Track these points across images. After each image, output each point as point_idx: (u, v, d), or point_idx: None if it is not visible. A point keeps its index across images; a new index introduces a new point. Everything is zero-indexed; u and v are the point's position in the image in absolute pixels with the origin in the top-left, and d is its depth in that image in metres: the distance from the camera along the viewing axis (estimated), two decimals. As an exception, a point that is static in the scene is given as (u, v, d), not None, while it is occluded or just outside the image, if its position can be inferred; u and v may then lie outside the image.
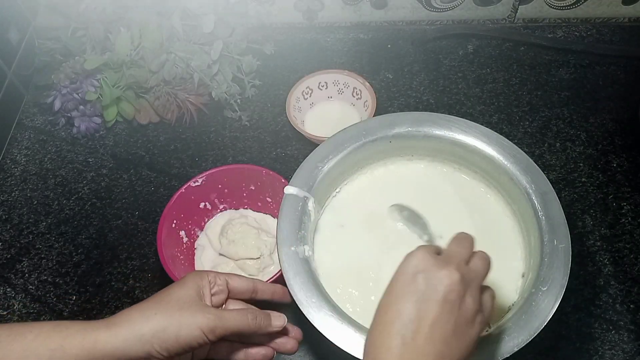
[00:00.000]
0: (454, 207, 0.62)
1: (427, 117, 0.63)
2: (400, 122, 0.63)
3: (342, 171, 0.63)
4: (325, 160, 0.61)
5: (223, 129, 0.82)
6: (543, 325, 0.49)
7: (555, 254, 0.53)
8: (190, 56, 0.76)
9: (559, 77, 0.84)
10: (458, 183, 0.64)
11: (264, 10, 0.89)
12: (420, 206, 0.62)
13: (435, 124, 0.62)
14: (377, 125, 0.63)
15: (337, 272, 0.59)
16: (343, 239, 0.61)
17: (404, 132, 0.62)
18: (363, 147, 0.62)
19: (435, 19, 0.90)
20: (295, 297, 0.52)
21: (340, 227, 0.62)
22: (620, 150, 0.76)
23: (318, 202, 0.60)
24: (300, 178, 0.60)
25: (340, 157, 0.61)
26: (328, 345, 0.50)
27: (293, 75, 0.84)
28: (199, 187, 0.67)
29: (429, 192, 0.64)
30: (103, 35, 0.78)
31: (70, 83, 0.77)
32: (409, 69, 0.86)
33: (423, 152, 0.65)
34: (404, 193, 0.63)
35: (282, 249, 0.55)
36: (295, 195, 0.58)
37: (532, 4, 0.87)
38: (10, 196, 0.77)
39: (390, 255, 0.59)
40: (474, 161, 0.62)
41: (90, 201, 0.76)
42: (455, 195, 0.63)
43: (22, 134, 0.84)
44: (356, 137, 0.62)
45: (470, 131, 0.62)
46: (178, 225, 0.67)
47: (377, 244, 0.61)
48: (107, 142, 0.82)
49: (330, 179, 0.62)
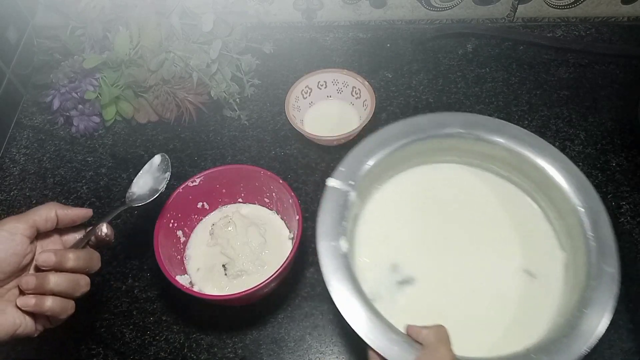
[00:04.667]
0: (495, 215, 0.61)
1: (480, 119, 0.61)
2: (451, 123, 0.61)
3: (387, 167, 0.61)
4: (371, 155, 0.59)
5: (222, 128, 0.82)
6: (584, 348, 0.48)
7: (603, 278, 0.51)
8: (189, 55, 0.76)
9: (558, 76, 0.84)
10: (503, 191, 0.62)
11: (263, 9, 0.89)
12: (461, 210, 0.61)
13: (487, 128, 0.60)
14: (427, 124, 0.61)
15: (374, 268, 0.58)
16: (383, 236, 0.60)
17: (455, 133, 0.61)
18: (411, 144, 0.61)
19: (434, 18, 0.90)
20: (333, 295, 0.51)
21: (381, 223, 0.61)
22: (620, 150, 0.76)
23: (360, 196, 0.58)
24: (343, 171, 0.58)
25: (387, 153, 0.60)
26: (359, 341, 0.50)
27: (292, 75, 0.84)
28: (196, 186, 0.67)
29: (472, 196, 0.62)
30: (102, 34, 0.78)
31: (69, 82, 0.77)
32: (408, 68, 0.86)
33: (471, 156, 0.63)
34: (446, 195, 0.62)
35: (321, 243, 0.54)
36: (338, 188, 0.57)
37: (532, 3, 0.87)
38: (9, 195, 0.77)
39: (428, 256, 0.59)
40: (524, 170, 0.60)
41: (89, 200, 0.76)
42: (498, 203, 0.62)
43: (21, 133, 0.84)
44: (405, 134, 0.61)
45: (524, 139, 0.59)
46: (175, 225, 0.67)
47: (416, 243, 0.60)
48: (106, 141, 0.82)
49: (375, 174, 0.60)
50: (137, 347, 0.64)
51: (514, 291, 0.57)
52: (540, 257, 0.58)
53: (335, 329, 0.64)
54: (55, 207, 0.53)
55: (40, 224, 0.52)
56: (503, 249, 0.60)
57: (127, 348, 0.64)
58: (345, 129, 0.75)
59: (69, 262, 0.51)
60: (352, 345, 0.63)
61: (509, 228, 0.60)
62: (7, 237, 0.49)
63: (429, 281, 0.58)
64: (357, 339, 0.50)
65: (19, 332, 0.49)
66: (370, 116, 0.74)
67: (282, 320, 0.65)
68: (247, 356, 0.63)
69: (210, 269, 0.67)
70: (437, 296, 0.57)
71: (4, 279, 0.50)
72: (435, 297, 0.57)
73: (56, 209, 0.53)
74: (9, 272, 0.50)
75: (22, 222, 0.51)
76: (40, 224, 0.52)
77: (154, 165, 0.63)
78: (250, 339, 0.64)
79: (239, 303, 0.64)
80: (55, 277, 0.50)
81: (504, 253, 0.60)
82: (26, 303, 0.49)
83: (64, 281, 0.50)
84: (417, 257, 0.60)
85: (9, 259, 0.49)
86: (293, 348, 0.63)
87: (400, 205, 0.63)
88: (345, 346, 0.63)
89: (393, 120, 0.79)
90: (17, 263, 0.50)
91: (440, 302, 0.57)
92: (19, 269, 0.51)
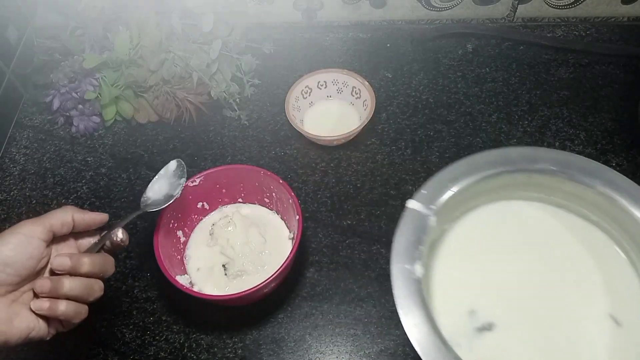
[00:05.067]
0: (579, 259, 0.58)
1: (575, 159, 0.58)
2: (544, 158, 0.58)
3: (470, 196, 0.59)
4: (456, 181, 0.57)
5: (222, 128, 0.82)
6: None
7: None
8: (189, 55, 0.76)
9: (558, 76, 0.84)
10: (588, 235, 0.59)
11: (263, 9, 0.89)
12: (542, 252, 0.58)
13: (583, 170, 0.57)
14: (518, 156, 0.59)
15: (447, 302, 0.55)
16: (459, 267, 0.58)
17: (547, 169, 0.58)
18: (498, 175, 0.58)
19: (434, 18, 0.90)
20: (404, 321, 0.50)
21: (458, 260, 0.59)
22: (620, 150, 0.75)
23: (440, 222, 0.56)
24: (426, 194, 0.56)
25: (473, 181, 0.57)
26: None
27: (292, 75, 0.84)
28: (196, 187, 0.67)
29: (555, 238, 0.59)
30: (102, 34, 0.78)
31: (69, 82, 0.77)
32: (408, 68, 0.86)
33: (559, 195, 0.60)
34: (529, 234, 0.59)
35: (395, 266, 0.52)
36: (418, 211, 0.55)
37: (532, 3, 0.87)
38: (9, 195, 0.77)
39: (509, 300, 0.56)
40: (616, 217, 0.57)
41: (89, 200, 0.76)
42: (582, 248, 0.58)
43: (21, 133, 0.84)
44: (492, 164, 0.58)
45: (621, 185, 0.56)
46: (175, 225, 0.67)
47: (495, 285, 0.57)
48: (106, 141, 0.82)
49: (456, 202, 0.58)
50: (137, 347, 0.64)
51: (599, 339, 0.54)
52: (627, 304, 0.56)
53: (335, 329, 0.64)
54: (72, 210, 0.53)
55: (56, 227, 0.52)
56: (587, 295, 0.57)
57: (127, 348, 0.64)
58: (345, 129, 0.75)
59: (84, 266, 0.51)
60: (352, 345, 0.63)
61: (594, 274, 0.57)
62: (24, 240, 0.49)
63: (510, 327, 0.55)
64: (358, 339, 0.50)
65: (32, 335, 0.49)
66: (370, 116, 0.74)
67: (282, 320, 0.65)
68: (247, 356, 0.63)
69: (210, 269, 0.67)
70: (519, 343, 0.54)
71: (19, 282, 0.50)
72: (517, 344, 0.55)
73: (73, 213, 0.53)
74: (25, 275, 0.50)
75: (39, 225, 0.50)
76: (57, 228, 0.52)
77: (170, 171, 0.63)
78: (250, 339, 0.64)
79: (239, 303, 0.64)
80: (70, 282, 0.50)
81: (588, 299, 0.57)
82: (40, 306, 0.49)
83: (78, 286, 0.50)
84: (497, 301, 0.56)
85: (25, 263, 0.49)
86: (293, 348, 0.63)
87: (479, 241, 0.60)
88: (345, 346, 0.63)
89: (393, 120, 0.80)
90: (33, 267, 0.50)
91: (522, 350, 0.54)
92: (35, 272, 0.51)
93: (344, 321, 0.65)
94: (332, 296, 0.66)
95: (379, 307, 0.65)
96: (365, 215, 0.72)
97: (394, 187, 0.74)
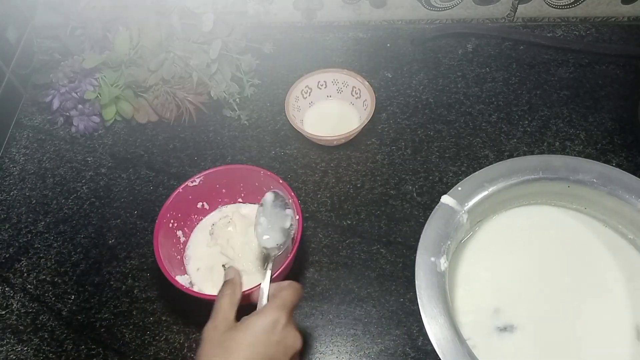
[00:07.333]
0: (608, 271, 0.58)
1: (619, 175, 0.58)
2: (586, 170, 0.58)
3: (507, 198, 0.59)
4: (494, 182, 0.57)
5: (222, 128, 0.82)
6: None
7: None
8: (189, 55, 0.76)
9: (558, 76, 0.84)
10: (622, 250, 0.59)
11: (263, 9, 0.89)
12: (570, 259, 0.58)
13: (625, 186, 0.57)
14: (560, 165, 0.59)
15: (469, 300, 0.56)
16: (485, 266, 0.58)
17: (588, 181, 0.58)
18: (537, 181, 0.58)
19: (434, 17, 0.90)
20: (423, 309, 0.50)
21: (486, 253, 0.59)
22: (620, 150, 0.75)
23: (471, 220, 0.57)
24: (461, 191, 0.56)
25: (510, 183, 0.58)
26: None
27: (292, 74, 0.84)
28: (196, 187, 0.67)
29: (585, 248, 0.59)
30: (102, 34, 0.78)
31: (69, 82, 0.77)
32: (408, 68, 0.86)
33: (595, 208, 0.60)
34: (558, 241, 0.59)
35: (421, 257, 0.52)
36: (451, 207, 0.55)
37: (532, 3, 0.87)
38: (9, 195, 0.77)
39: (534, 303, 0.56)
40: None
41: (89, 200, 0.76)
42: (613, 261, 0.58)
43: (21, 133, 0.83)
44: (534, 169, 0.59)
45: None
46: (175, 225, 0.67)
47: (521, 288, 0.57)
48: (106, 141, 0.82)
49: (491, 202, 0.58)
50: (137, 347, 0.64)
51: (622, 349, 0.54)
52: None
53: (335, 329, 0.64)
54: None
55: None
56: (612, 304, 0.57)
57: (127, 348, 0.64)
58: (345, 129, 0.75)
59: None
60: (353, 345, 0.63)
61: (621, 290, 0.57)
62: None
63: (531, 332, 0.55)
64: (358, 339, 0.50)
65: None
66: (370, 116, 0.74)
67: (282, 320, 0.65)
68: (247, 356, 0.63)
69: (210, 269, 0.67)
70: (537, 350, 0.55)
71: None
72: (535, 350, 0.55)
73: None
74: None
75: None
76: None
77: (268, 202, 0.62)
78: (250, 339, 0.64)
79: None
80: None
81: (613, 309, 0.57)
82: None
83: None
84: (521, 305, 0.57)
85: None
86: (293, 348, 0.63)
87: (509, 242, 0.60)
88: (345, 346, 0.63)
89: (393, 120, 0.80)
90: None
91: (542, 354, 0.54)
92: None
93: (344, 321, 0.64)
94: (332, 296, 0.66)
95: (379, 307, 0.65)
96: (365, 215, 0.72)
97: (394, 187, 0.74)
